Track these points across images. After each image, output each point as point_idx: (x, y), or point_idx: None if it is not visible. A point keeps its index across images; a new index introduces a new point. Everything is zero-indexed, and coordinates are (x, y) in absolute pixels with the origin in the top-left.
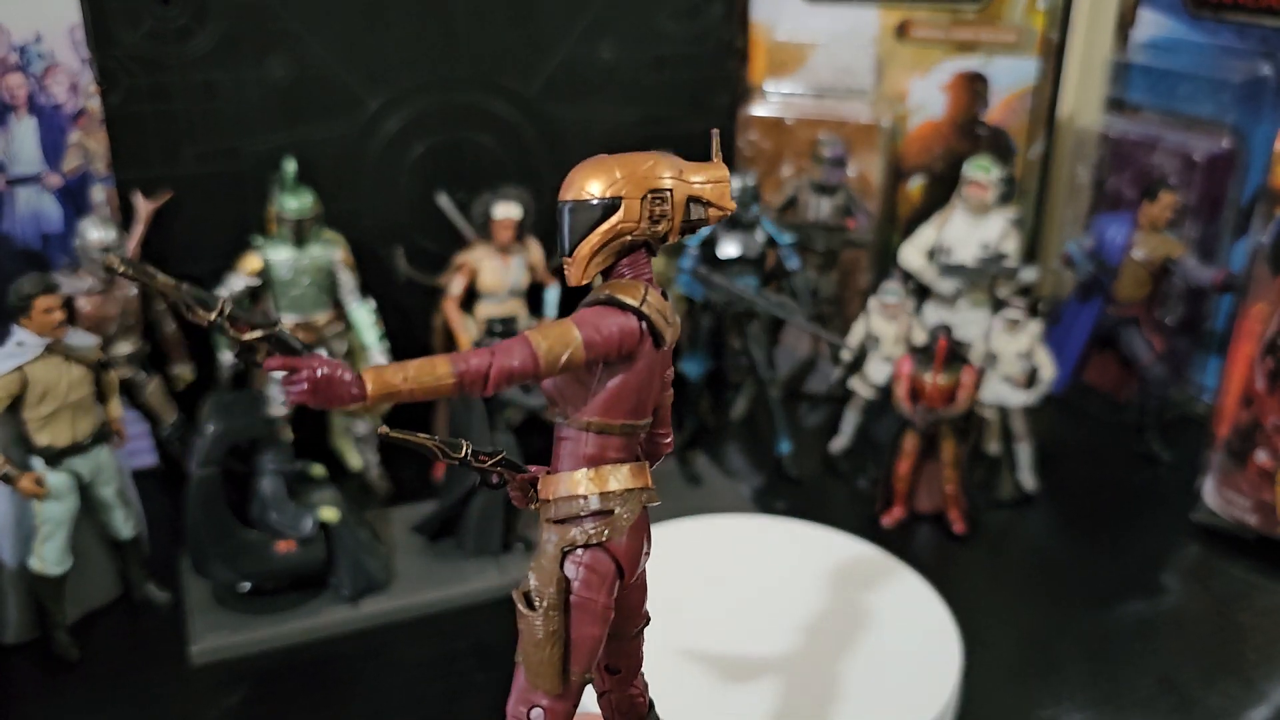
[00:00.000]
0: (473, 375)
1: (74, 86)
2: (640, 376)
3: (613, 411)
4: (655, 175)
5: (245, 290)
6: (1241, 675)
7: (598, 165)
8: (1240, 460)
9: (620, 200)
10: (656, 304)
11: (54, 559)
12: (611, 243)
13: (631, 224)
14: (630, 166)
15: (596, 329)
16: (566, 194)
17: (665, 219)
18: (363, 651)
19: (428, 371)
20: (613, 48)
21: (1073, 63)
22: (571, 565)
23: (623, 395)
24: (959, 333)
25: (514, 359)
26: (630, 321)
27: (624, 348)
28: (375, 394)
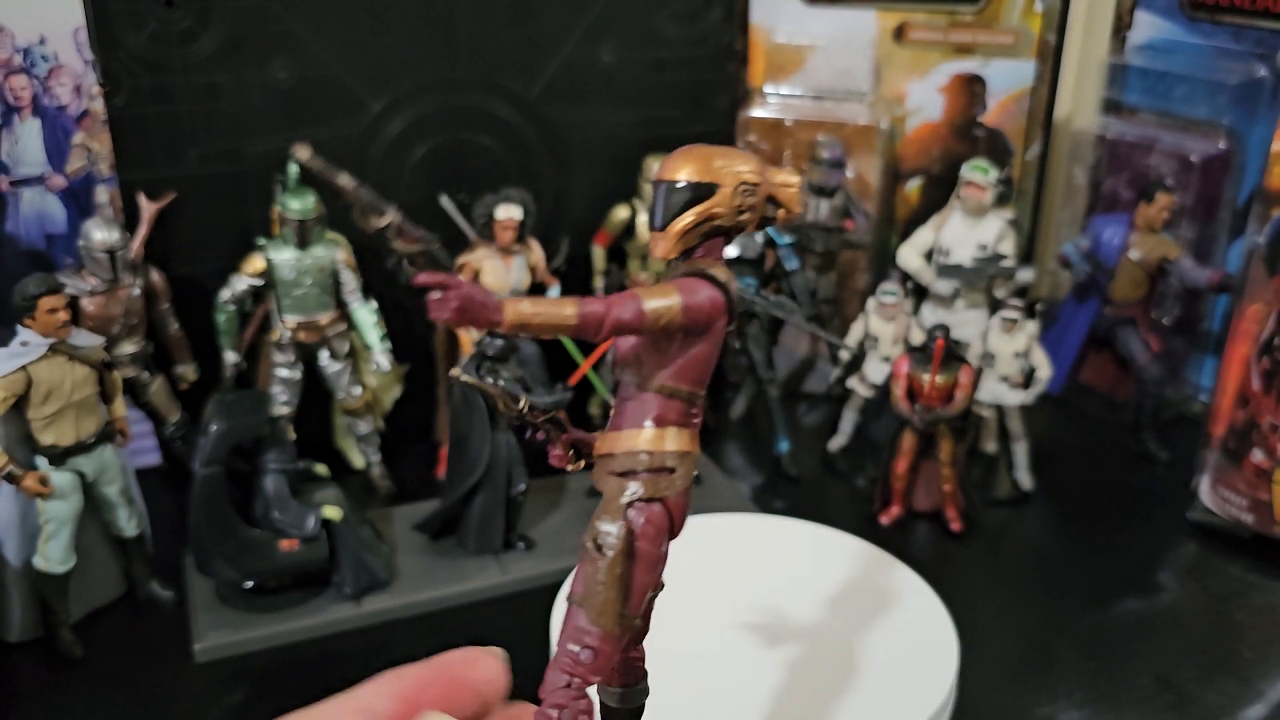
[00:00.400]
0: (592, 319)
1: (78, 88)
2: (712, 348)
3: (684, 377)
4: (749, 169)
5: (248, 290)
6: (1238, 673)
7: (699, 152)
8: (1236, 459)
9: (716, 187)
10: (729, 280)
11: (58, 557)
12: (701, 225)
13: (723, 210)
14: (728, 158)
15: (694, 296)
16: (666, 174)
17: (750, 211)
18: (365, 649)
19: (556, 308)
20: (613, 50)
21: (1070, 65)
22: (636, 514)
23: (695, 363)
24: (956, 333)
25: (626, 311)
26: (719, 295)
27: (713, 317)
28: (510, 321)
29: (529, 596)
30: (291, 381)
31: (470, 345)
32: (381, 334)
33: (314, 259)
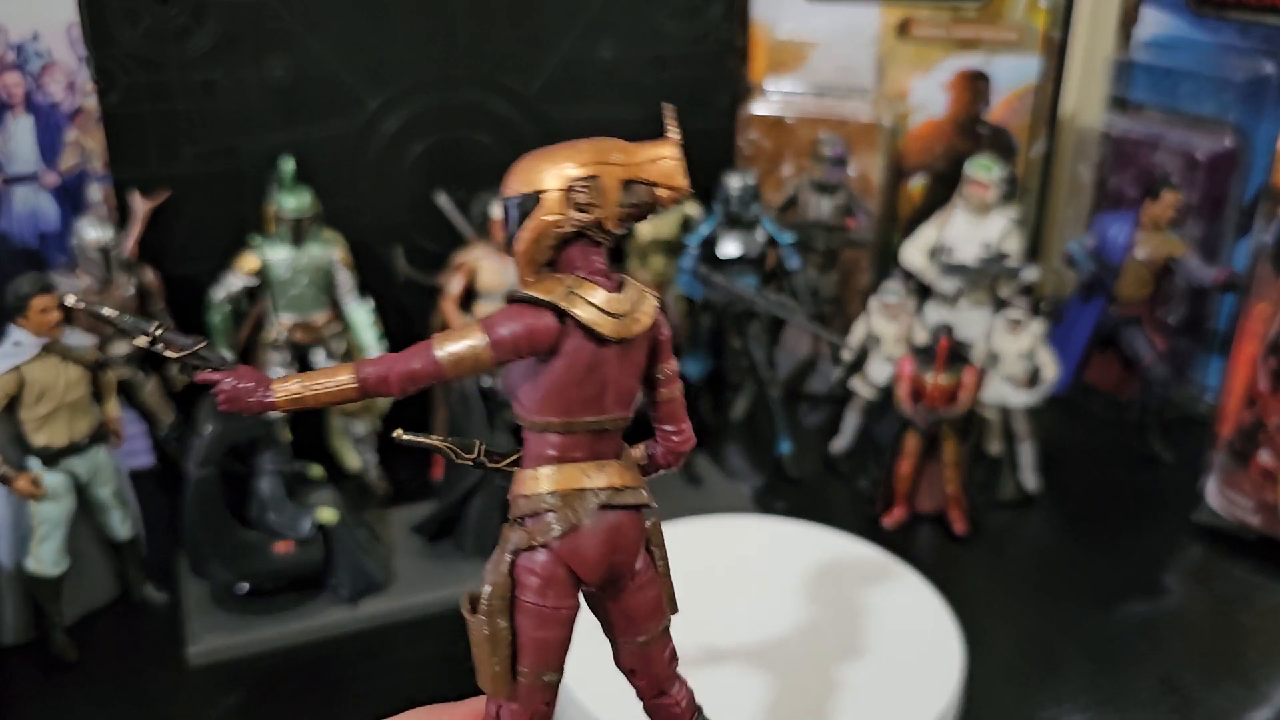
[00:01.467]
0: (373, 381)
1: (71, 85)
2: (570, 373)
3: (548, 408)
4: (577, 163)
5: (243, 289)
6: (1243, 676)
7: (525, 160)
8: (1243, 461)
9: (539, 194)
10: (590, 294)
11: (51, 560)
12: (542, 238)
13: (555, 216)
14: (552, 157)
15: (502, 328)
16: (504, 190)
17: (592, 206)
18: (361, 652)
19: (330, 378)
20: (613, 47)
21: (1075, 61)
22: (518, 567)
23: (553, 391)
24: (960, 332)
25: (415, 362)
26: (542, 318)
27: (536, 344)
28: (283, 402)
29: None
30: None
31: None
32: (378, 334)
33: (310, 258)
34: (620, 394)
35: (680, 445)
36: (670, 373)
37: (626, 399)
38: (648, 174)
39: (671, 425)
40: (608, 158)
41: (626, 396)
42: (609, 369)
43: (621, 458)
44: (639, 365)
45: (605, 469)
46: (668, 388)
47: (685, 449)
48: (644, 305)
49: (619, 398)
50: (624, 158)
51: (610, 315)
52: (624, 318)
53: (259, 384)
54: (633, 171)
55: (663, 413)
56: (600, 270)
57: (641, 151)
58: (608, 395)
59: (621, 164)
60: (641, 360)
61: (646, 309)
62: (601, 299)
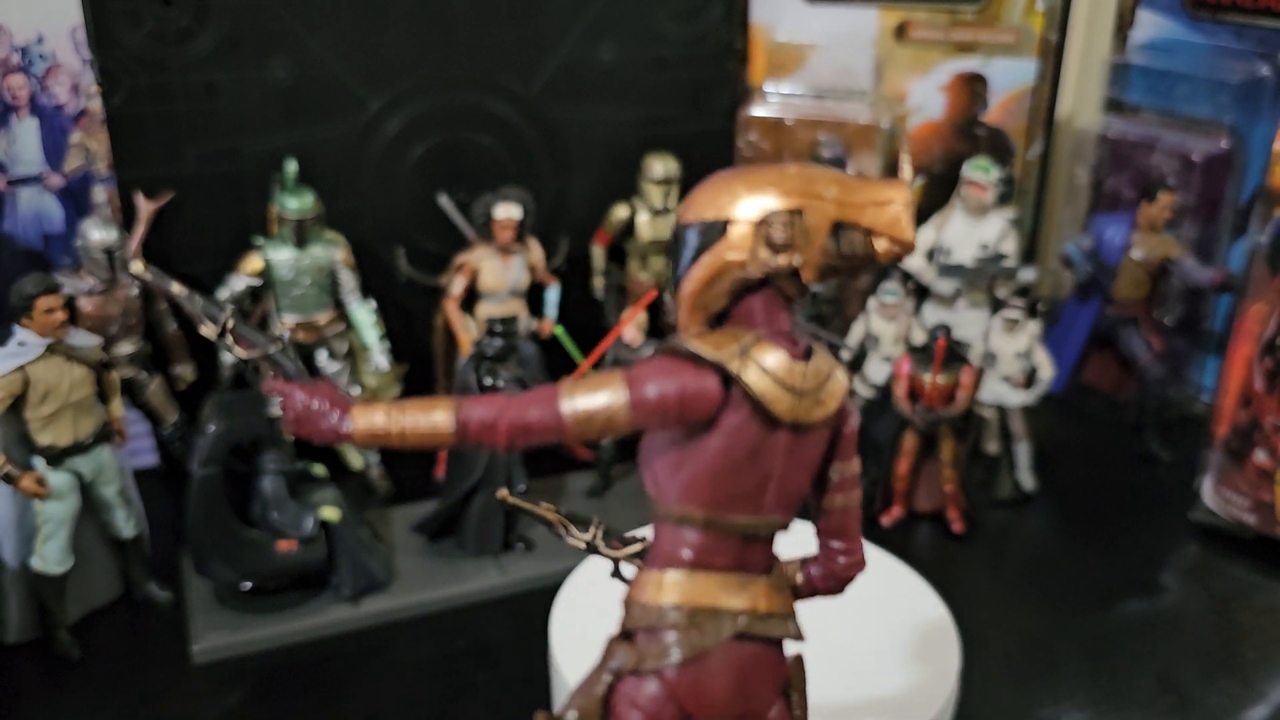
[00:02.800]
0: (477, 427)
1: (75, 87)
2: (725, 455)
3: (691, 497)
4: (780, 191)
5: (246, 290)
6: (1240, 674)
7: (718, 180)
8: (1239, 460)
9: (725, 225)
10: (773, 364)
11: (55, 558)
12: (718, 279)
13: (740, 254)
14: (750, 180)
15: (650, 386)
16: (679, 216)
17: (789, 248)
18: (363, 651)
19: (424, 415)
20: (613, 49)
21: (1071, 63)
22: (617, 694)
23: (701, 476)
24: (958, 332)
25: (532, 412)
26: (704, 381)
27: (689, 413)
28: (361, 435)
29: (529, 598)
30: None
31: (469, 346)
32: (380, 334)
33: (312, 258)
34: (785, 492)
35: (846, 569)
36: (849, 475)
37: (791, 500)
38: (869, 219)
39: (840, 541)
40: (820, 191)
41: (792, 497)
42: (775, 458)
43: (772, 573)
44: (813, 460)
45: (750, 586)
46: (843, 494)
47: (852, 574)
48: (832, 384)
49: (782, 497)
50: (840, 194)
51: (789, 390)
52: (805, 396)
53: (336, 407)
54: (850, 213)
55: (831, 524)
56: (785, 331)
57: (864, 190)
58: (769, 492)
59: (836, 201)
60: (817, 454)
61: (835, 390)
62: (781, 367)
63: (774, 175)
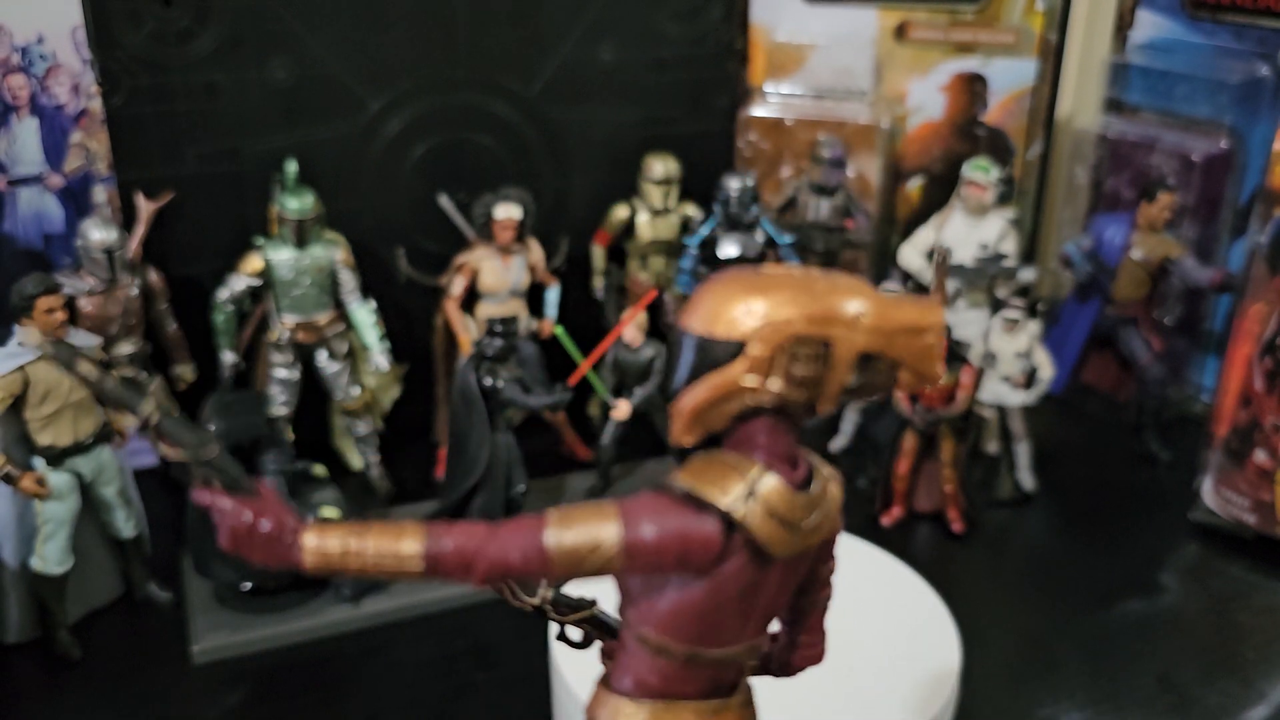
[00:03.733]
0: (452, 562)
1: (76, 87)
2: (715, 596)
3: (676, 630)
4: (804, 314)
5: (246, 290)
6: (1240, 674)
7: (732, 286)
8: (1239, 460)
9: (740, 347)
10: (776, 500)
11: (55, 558)
12: (725, 402)
13: (755, 382)
14: (775, 299)
15: (647, 529)
16: (685, 317)
17: (812, 384)
18: (363, 651)
19: (390, 545)
20: (613, 49)
21: (1071, 64)
22: None
23: (686, 615)
24: (958, 332)
25: (514, 551)
26: (705, 527)
27: (688, 561)
28: (313, 564)
29: None
30: (290, 382)
31: (469, 346)
32: (380, 334)
33: (312, 259)
34: (768, 616)
35: (803, 661)
36: (827, 575)
37: (773, 619)
38: (898, 350)
39: (809, 635)
40: (848, 316)
41: (775, 616)
42: (766, 592)
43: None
44: (801, 576)
45: (722, 713)
46: (821, 593)
47: (806, 666)
48: (827, 503)
49: (764, 622)
50: (872, 320)
51: (790, 529)
52: (804, 530)
53: (283, 530)
54: (879, 342)
55: (805, 620)
56: (788, 455)
57: (897, 314)
58: (752, 622)
59: (866, 329)
60: (805, 570)
61: (830, 509)
62: (785, 505)
63: (797, 293)
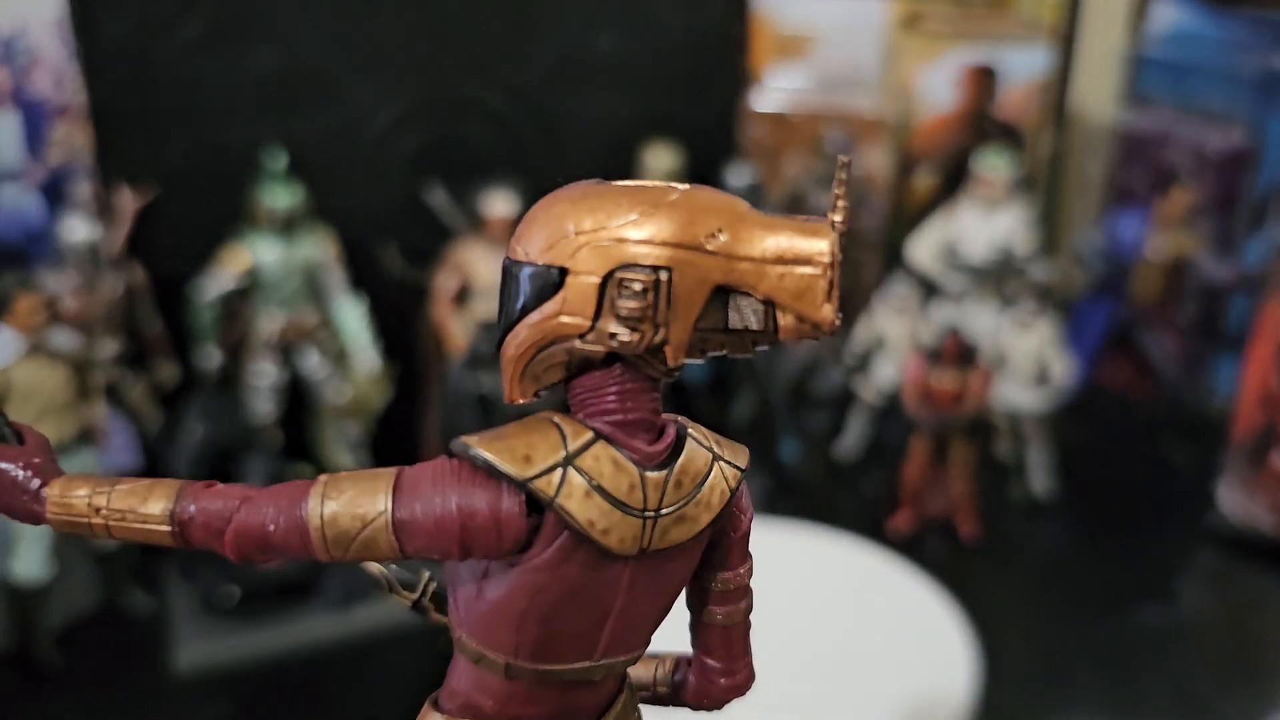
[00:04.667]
0: (198, 530)
1: (59, 80)
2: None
3: (493, 635)
4: (645, 235)
5: (232, 287)
6: (1257, 682)
7: (562, 201)
8: (1257, 463)
9: (564, 274)
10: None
11: (36, 566)
12: (551, 347)
13: (577, 321)
14: (608, 211)
15: (420, 505)
16: (512, 242)
17: (646, 320)
18: (351, 661)
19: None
20: (612, 38)
21: (1085, 56)
22: None
23: (507, 615)
24: (968, 326)
25: (270, 522)
26: (500, 504)
27: (476, 545)
28: (57, 518)
29: None
30: (278, 382)
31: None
32: (370, 333)
33: (301, 256)
34: (630, 629)
35: (725, 692)
36: (736, 586)
37: (641, 633)
38: (767, 286)
39: (719, 661)
40: (701, 236)
41: (642, 630)
42: (612, 595)
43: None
44: (675, 583)
45: None
46: (725, 607)
47: (730, 698)
48: (707, 490)
49: (627, 634)
50: (731, 243)
51: (628, 511)
52: (655, 517)
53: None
54: (741, 275)
55: (711, 640)
56: (639, 420)
57: (767, 238)
58: (604, 633)
59: (723, 255)
60: (683, 575)
61: (710, 498)
62: (614, 480)
63: (638, 204)
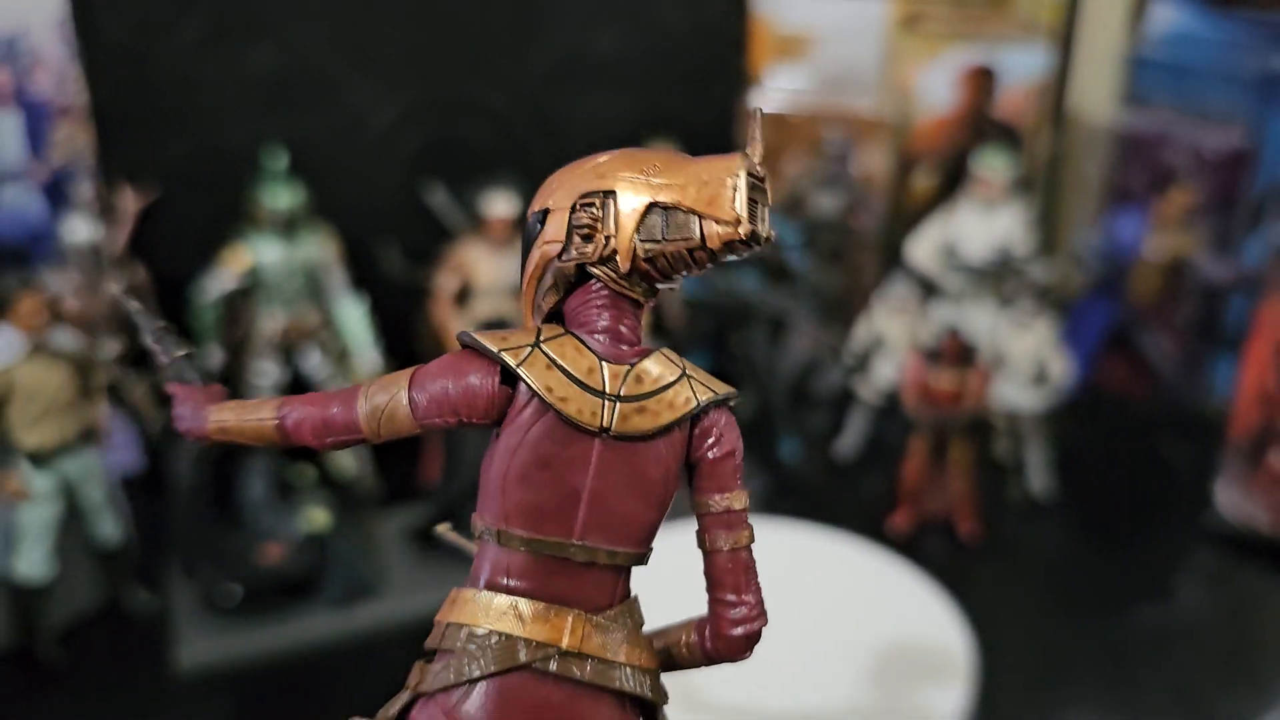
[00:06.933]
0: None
1: (60, 81)
2: (512, 457)
3: (486, 504)
4: (597, 174)
5: (234, 286)
6: (1256, 682)
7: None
8: (1254, 463)
9: (547, 213)
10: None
11: (39, 565)
12: (543, 274)
13: (554, 245)
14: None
15: (425, 384)
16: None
17: (595, 233)
18: (354, 660)
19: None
20: (612, 38)
21: (1084, 56)
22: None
23: (493, 481)
24: (967, 326)
25: (334, 407)
26: (480, 376)
27: (463, 408)
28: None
29: None
30: (279, 382)
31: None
32: (371, 333)
33: (303, 256)
34: (607, 514)
35: (729, 627)
36: (731, 509)
37: (621, 527)
38: (690, 199)
39: (723, 592)
40: (637, 170)
41: (621, 523)
42: (580, 470)
43: (615, 615)
44: (651, 482)
45: (555, 619)
46: (721, 533)
47: (740, 635)
48: (670, 395)
49: (604, 521)
50: (661, 174)
51: (586, 389)
52: (614, 400)
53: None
54: (670, 193)
55: (715, 570)
56: (609, 329)
57: (691, 167)
58: (578, 509)
59: (654, 183)
60: (657, 475)
61: (672, 401)
62: (582, 365)
63: (600, 159)
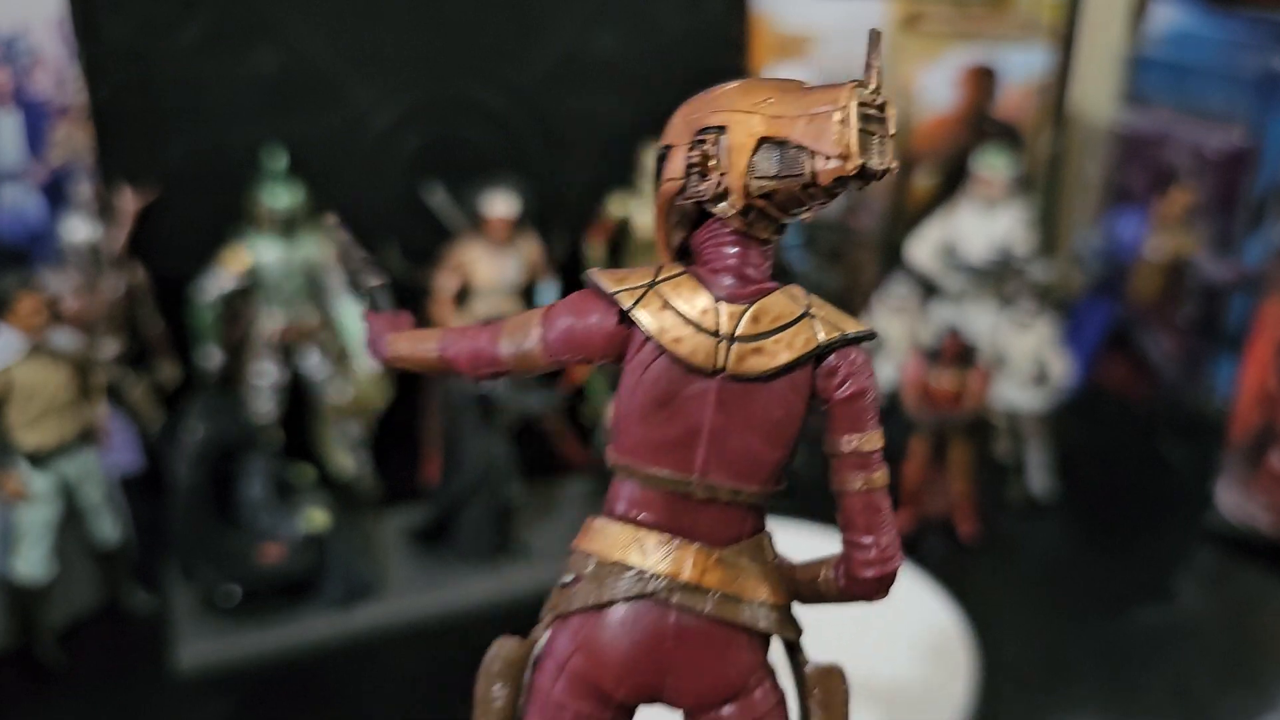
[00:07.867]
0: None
1: (60, 81)
2: (634, 395)
3: (618, 440)
4: (713, 109)
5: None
6: (1256, 682)
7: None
8: (1255, 463)
9: (670, 149)
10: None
11: (39, 565)
12: (668, 210)
13: (675, 181)
14: (699, 101)
15: (558, 321)
16: None
17: (709, 169)
18: (354, 660)
19: (422, 345)
20: (612, 38)
21: (1085, 56)
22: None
23: (620, 419)
24: (967, 326)
25: (483, 342)
26: (598, 315)
27: (583, 348)
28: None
29: (525, 604)
30: (279, 382)
31: None
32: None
33: (301, 255)
34: (725, 451)
35: (862, 569)
36: (863, 450)
37: (742, 464)
38: (799, 133)
39: (856, 534)
40: (751, 102)
41: (743, 462)
42: (700, 410)
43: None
44: (771, 422)
45: (678, 552)
46: (852, 474)
47: (868, 575)
48: (791, 335)
49: (722, 457)
50: (775, 106)
51: (702, 331)
52: (729, 341)
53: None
54: (780, 127)
55: (847, 511)
56: (731, 268)
57: (801, 100)
58: (698, 447)
59: (767, 114)
60: (779, 415)
61: (791, 339)
62: (696, 306)
63: (718, 92)
